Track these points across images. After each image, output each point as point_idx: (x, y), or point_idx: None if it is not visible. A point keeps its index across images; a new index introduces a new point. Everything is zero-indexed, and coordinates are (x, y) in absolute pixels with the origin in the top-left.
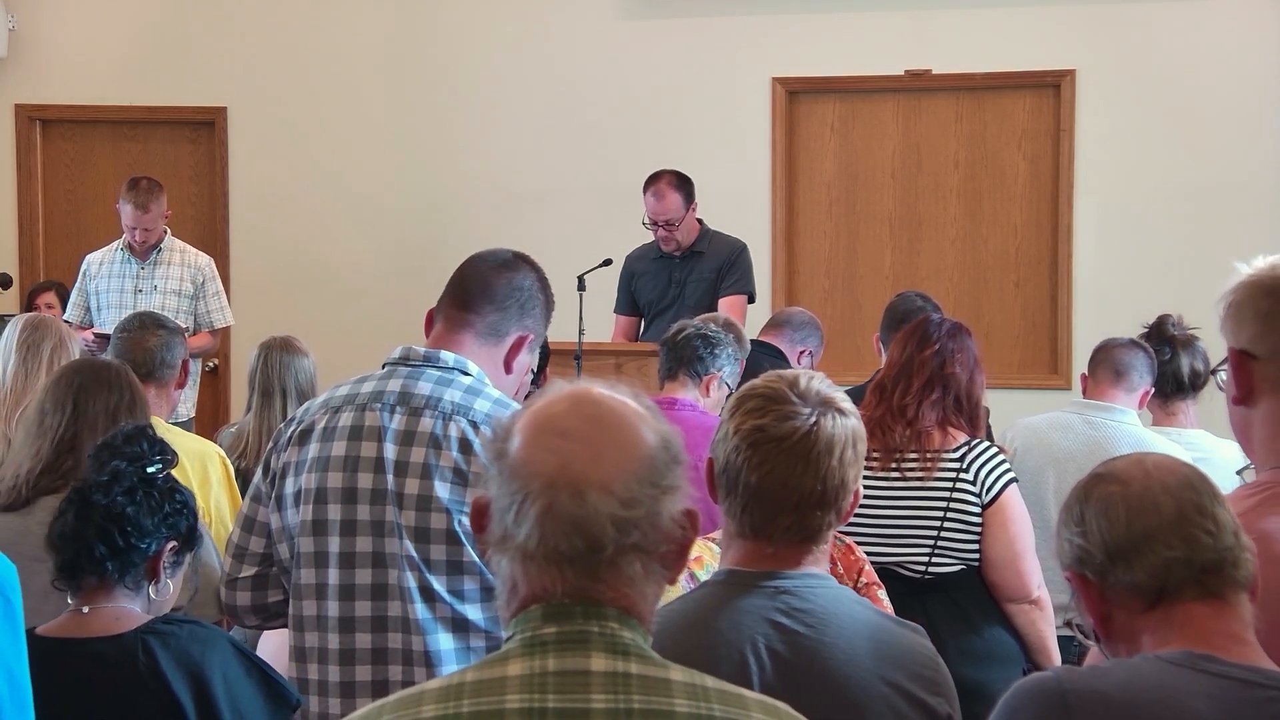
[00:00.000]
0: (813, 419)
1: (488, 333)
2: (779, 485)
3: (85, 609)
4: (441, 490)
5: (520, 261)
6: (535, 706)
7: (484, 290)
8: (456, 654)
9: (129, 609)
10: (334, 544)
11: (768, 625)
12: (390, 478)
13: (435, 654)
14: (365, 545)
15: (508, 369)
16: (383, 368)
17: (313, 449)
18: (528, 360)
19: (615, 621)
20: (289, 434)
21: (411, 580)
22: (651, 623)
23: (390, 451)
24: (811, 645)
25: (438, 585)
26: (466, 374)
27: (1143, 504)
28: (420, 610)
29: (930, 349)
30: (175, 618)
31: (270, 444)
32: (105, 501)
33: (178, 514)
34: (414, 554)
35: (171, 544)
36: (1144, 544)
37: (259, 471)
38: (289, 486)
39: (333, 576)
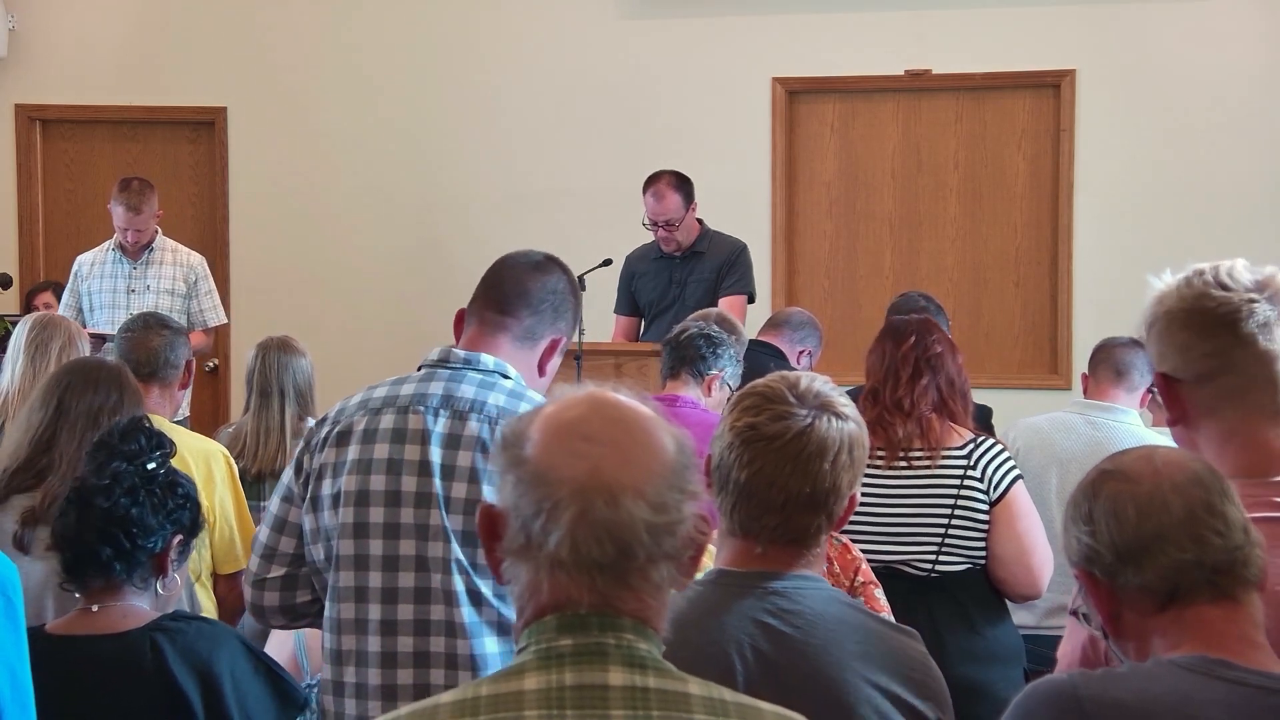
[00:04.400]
0: (807, 420)
1: (524, 336)
2: (766, 484)
3: (94, 608)
4: (490, 494)
5: (552, 264)
6: None
7: (520, 293)
8: (501, 658)
9: (137, 606)
10: (376, 547)
11: (754, 626)
12: (438, 481)
13: (480, 657)
14: (409, 549)
15: (541, 371)
16: (419, 369)
17: (353, 451)
18: (559, 363)
19: (631, 633)
20: (324, 435)
21: (459, 584)
22: (664, 629)
23: (436, 455)
24: (798, 646)
25: (485, 589)
26: (507, 377)
27: (1152, 504)
28: (467, 614)
29: (907, 342)
30: (184, 615)
31: (302, 444)
32: (107, 505)
33: (181, 508)
34: (462, 558)
35: (178, 537)
36: (1154, 545)
37: (289, 472)
38: (326, 488)
39: (374, 580)
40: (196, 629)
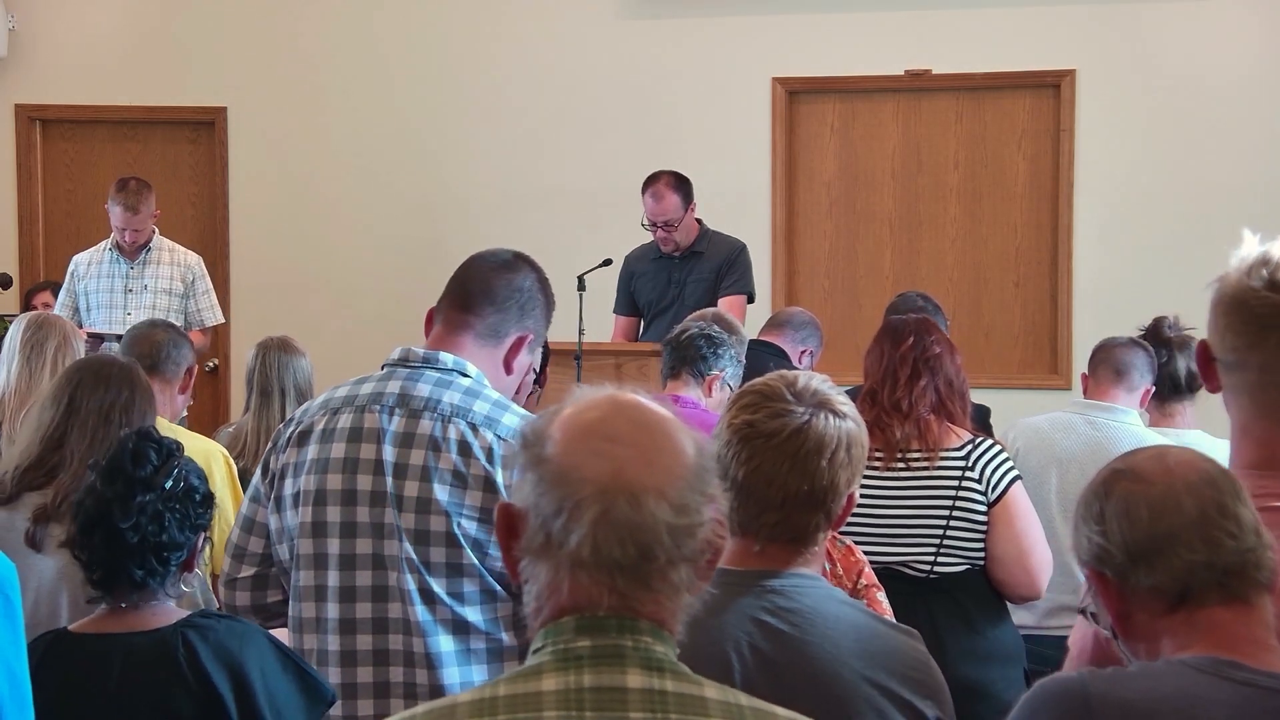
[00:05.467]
0: (805, 418)
1: (487, 334)
2: (765, 482)
3: (124, 604)
4: (440, 493)
5: (520, 262)
6: None
7: (484, 291)
8: (457, 655)
9: (167, 606)
10: (333, 546)
11: (753, 624)
12: (389, 480)
13: (436, 655)
14: (365, 547)
15: (507, 370)
16: (381, 369)
17: (311, 450)
18: (528, 360)
19: (649, 635)
20: (287, 435)
21: (411, 582)
22: (679, 632)
23: (389, 454)
24: (796, 645)
25: (437, 587)
26: (465, 375)
27: (1164, 504)
28: (421, 612)
29: (906, 343)
30: (212, 612)
31: (269, 445)
32: (137, 538)
33: (201, 513)
34: (414, 556)
35: (201, 536)
36: (1166, 546)
37: (258, 472)
38: (288, 488)
39: (332, 579)
40: (227, 626)
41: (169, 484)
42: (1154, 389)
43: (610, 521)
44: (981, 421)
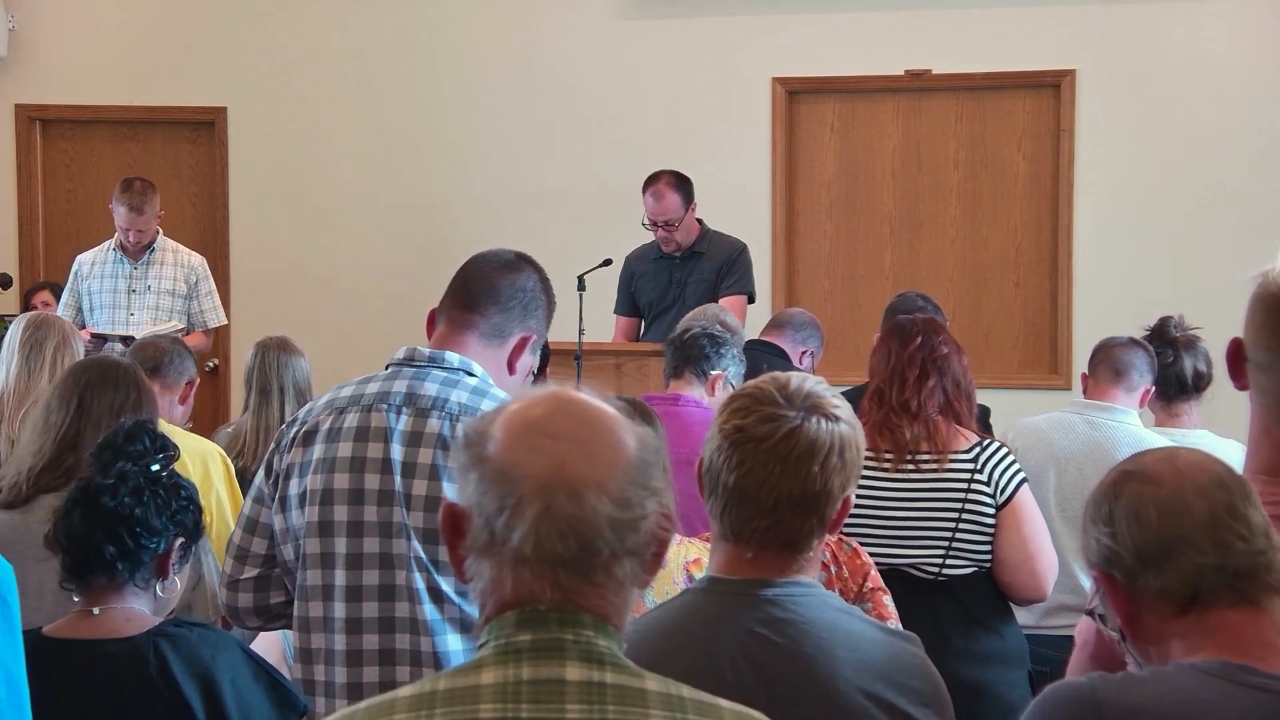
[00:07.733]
0: (796, 421)
1: (491, 333)
2: (756, 485)
3: (95, 610)
4: (450, 491)
5: (523, 262)
6: (509, 717)
7: (488, 291)
8: (465, 654)
9: (139, 611)
10: (340, 545)
11: (748, 635)
12: (398, 479)
13: (444, 655)
14: (372, 546)
15: (511, 370)
16: (386, 368)
17: (318, 450)
18: (530, 361)
19: (590, 629)
20: (292, 435)
21: (420, 581)
22: (624, 628)
23: (397, 452)
24: (792, 656)
25: (446, 586)
26: (472, 375)
27: (1174, 506)
28: (429, 611)
29: (914, 343)
30: (185, 620)
31: (272, 445)
32: (113, 504)
33: (184, 510)
34: (422, 555)
35: (179, 540)
36: (1175, 548)
37: (260, 472)
38: (293, 488)
39: (339, 578)
40: (199, 635)
41: (155, 468)
42: (1160, 388)
43: (551, 517)
44: (982, 422)
